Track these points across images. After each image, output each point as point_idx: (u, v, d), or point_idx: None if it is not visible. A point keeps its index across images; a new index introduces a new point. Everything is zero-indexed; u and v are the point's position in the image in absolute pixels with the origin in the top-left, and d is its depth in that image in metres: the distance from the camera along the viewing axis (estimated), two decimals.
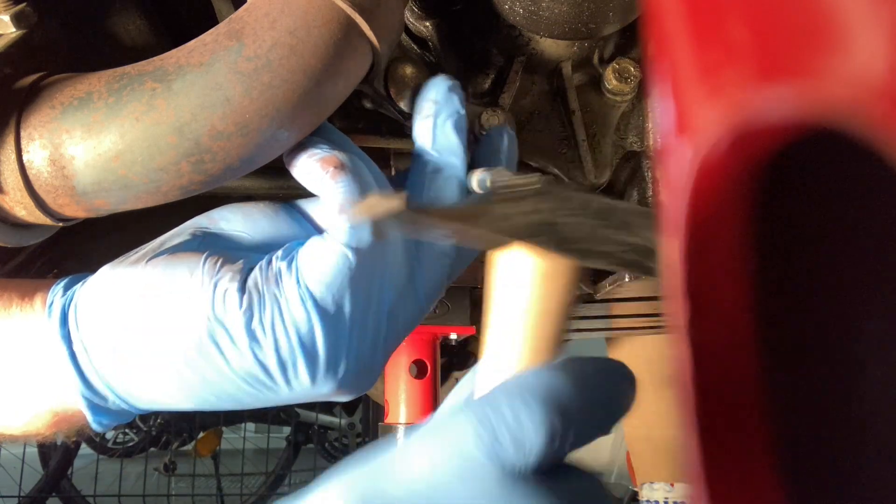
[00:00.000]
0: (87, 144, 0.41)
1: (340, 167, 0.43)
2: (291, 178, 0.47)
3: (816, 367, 0.29)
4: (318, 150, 0.44)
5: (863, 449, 0.29)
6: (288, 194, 0.63)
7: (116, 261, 0.45)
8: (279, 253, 0.44)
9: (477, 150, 0.50)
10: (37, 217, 0.44)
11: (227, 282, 0.42)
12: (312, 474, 3.18)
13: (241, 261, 0.44)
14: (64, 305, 0.44)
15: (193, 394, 0.44)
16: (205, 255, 0.44)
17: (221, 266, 0.43)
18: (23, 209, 0.43)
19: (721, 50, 0.22)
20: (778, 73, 0.19)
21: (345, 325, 0.43)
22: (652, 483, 1.69)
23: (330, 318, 0.42)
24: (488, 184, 0.44)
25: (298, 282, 0.42)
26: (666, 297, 0.27)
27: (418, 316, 0.47)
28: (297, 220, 0.47)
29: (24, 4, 0.43)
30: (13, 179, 0.42)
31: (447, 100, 0.47)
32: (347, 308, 0.43)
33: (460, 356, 1.53)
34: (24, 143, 0.42)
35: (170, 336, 0.42)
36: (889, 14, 0.16)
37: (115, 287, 0.44)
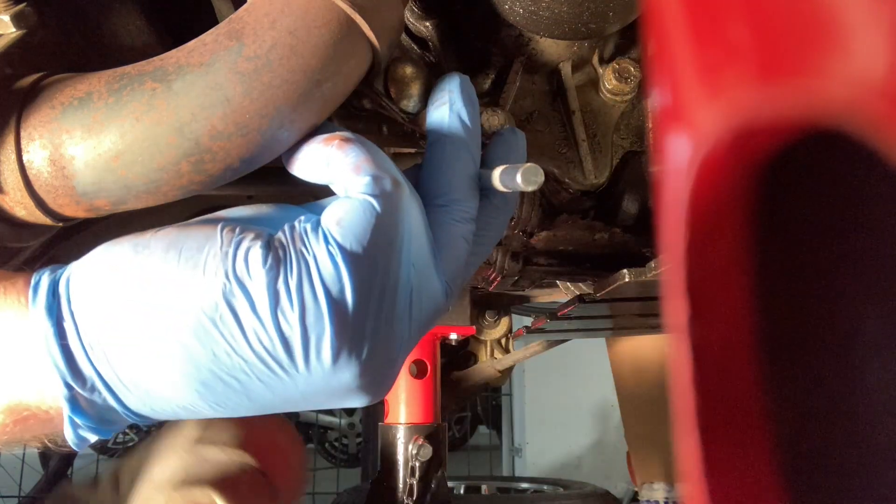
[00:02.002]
0: (87, 144, 0.41)
1: (345, 139, 0.43)
2: (292, 180, 0.47)
3: (816, 367, 0.29)
4: (318, 135, 0.44)
5: (862, 448, 0.29)
6: (288, 196, 0.63)
7: (116, 239, 0.41)
8: (301, 218, 0.41)
9: (489, 149, 0.50)
10: (37, 217, 0.44)
11: (249, 241, 0.39)
12: (312, 474, 3.18)
13: (262, 229, 0.41)
14: (53, 280, 0.40)
15: (198, 378, 0.38)
16: (221, 223, 0.40)
17: (242, 231, 0.40)
18: (23, 209, 0.43)
19: (721, 50, 0.22)
20: (778, 74, 0.19)
21: (373, 289, 0.39)
22: (652, 483, 1.69)
23: (360, 272, 0.39)
24: (518, 180, 0.44)
25: (326, 238, 0.39)
26: (666, 297, 0.27)
27: (441, 304, 0.45)
28: (304, 211, 0.45)
29: (24, 4, 0.43)
30: (13, 179, 0.42)
31: (462, 90, 0.48)
32: (378, 262, 0.40)
33: (460, 356, 1.53)
34: (24, 143, 0.42)
35: (179, 305, 0.38)
36: (889, 14, 0.16)
37: (118, 256, 0.40)
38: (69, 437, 0.40)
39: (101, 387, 0.39)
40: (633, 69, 0.64)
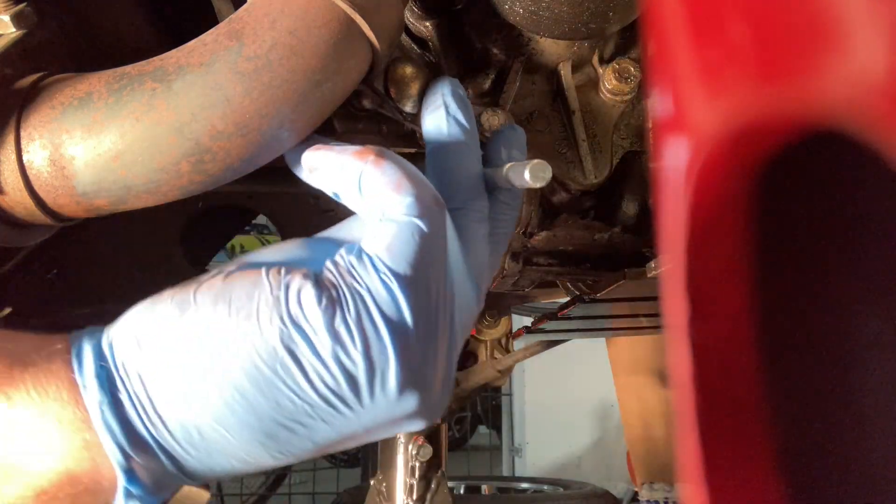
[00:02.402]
0: (87, 144, 0.41)
1: (380, 154, 0.41)
2: (292, 179, 0.47)
3: (816, 367, 0.29)
4: (344, 146, 0.42)
5: (862, 448, 0.29)
6: (289, 196, 0.63)
7: (150, 298, 0.39)
8: (342, 251, 0.40)
9: (490, 146, 0.50)
10: (37, 217, 0.44)
11: (299, 282, 0.37)
12: (312, 474, 3.18)
13: (304, 268, 0.39)
14: (96, 346, 0.38)
15: (261, 429, 0.37)
16: (264, 268, 0.39)
17: (288, 272, 0.38)
18: (23, 209, 0.43)
19: (721, 50, 0.22)
20: (778, 74, 0.19)
21: (432, 306, 0.39)
22: (652, 483, 1.69)
23: (417, 299, 0.38)
24: (526, 177, 0.44)
25: (376, 267, 0.38)
26: (666, 297, 0.27)
27: (475, 309, 0.45)
28: (331, 243, 0.43)
29: (24, 4, 0.43)
30: (13, 179, 0.42)
31: (454, 93, 0.48)
32: (431, 283, 0.39)
33: (460, 356, 1.53)
34: (24, 143, 0.42)
35: (236, 358, 0.37)
36: (889, 14, 0.16)
37: (163, 316, 0.38)
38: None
39: (160, 453, 0.37)
40: (633, 69, 0.64)
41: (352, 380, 0.37)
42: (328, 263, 0.39)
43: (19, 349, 0.38)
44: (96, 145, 0.41)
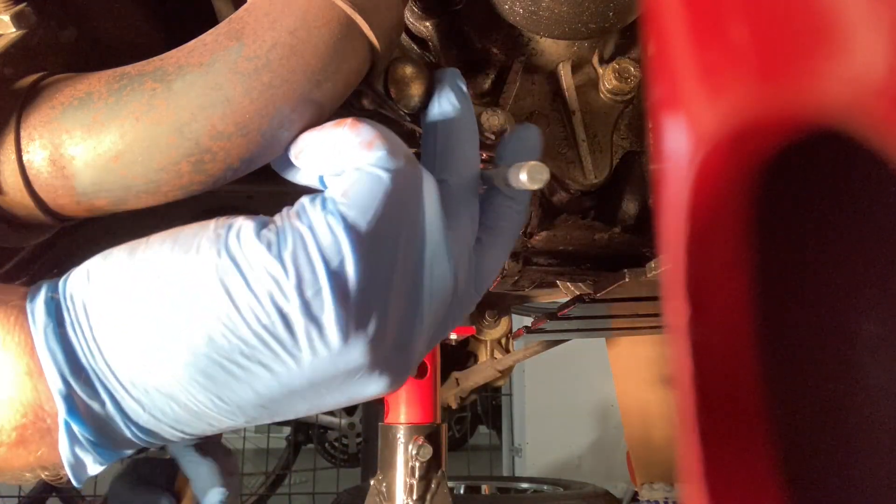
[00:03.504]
0: (87, 144, 0.41)
1: (357, 119, 0.41)
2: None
3: (816, 367, 0.29)
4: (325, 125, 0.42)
5: (862, 448, 0.29)
6: (289, 196, 0.63)
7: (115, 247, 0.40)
8: (302, 199, 0.40)
9: (502, 147, 0.50)
10: (37, 217, 0.44)
11: (243, 219, 0.38)
12: (312, 474, 3.18)
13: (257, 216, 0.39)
14: (51, 284, 0.39)
15: (196, 366, 0.36)
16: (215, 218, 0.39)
17: (236, 216, 0.39)
18: (23, 209, 0.43)
19: (721, 50, 0.22)
20: (778, 74, 0.19)
21: (380, 261, 0.37)
22: (652, 483, 1.69)
23: (363, 243, 0.37)
24: (522, 178, 0.44)
25: (325, 207, 0.37)
26: (666, 297, 0.27)
27: (449, 289, 0.42)
28: None
29: (24, 4, 0.43)
30: (13, 179, 0.42)
31: (450, 76, 0.49)
32: (387, 238, 0.38)
33: (460, 356, 1.53)
34: (24, 143, 0.42)
35: (172, 291, 0.36)
36: (889, 14, 0.16)
37: (115, 255, 0.39)
38: (65, 453, 0.36)
39: (99, 388, 0.36)
40: (633, 69, 0.64)
41: (286, 319, 0.36)
42: (284, 209, 0.39)
43: None
44: (96, 145, 0.41)
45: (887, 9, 0.16)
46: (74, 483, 0.38)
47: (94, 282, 0.38)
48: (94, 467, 0.38)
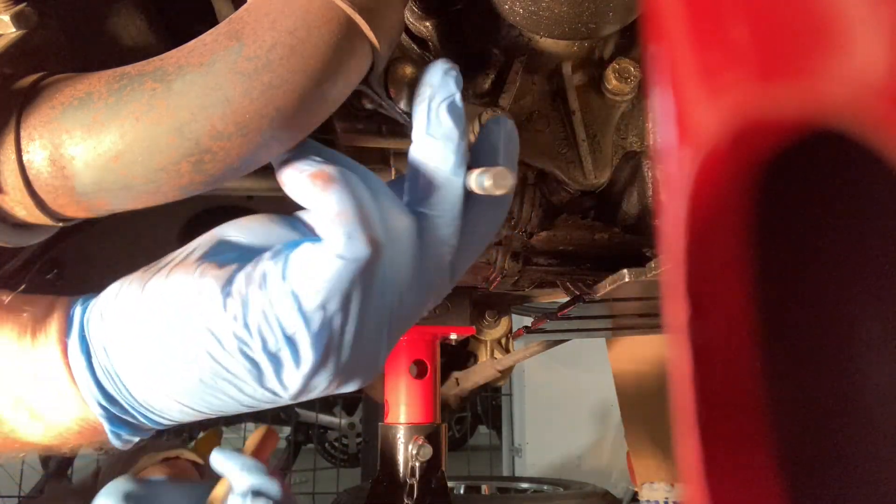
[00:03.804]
0: (87, 144, 0.41)
1: (329, 179, 0.43)
2: None
3: (816, 367, 0.29)
4: (307, 166, 0.44)
5: (863, 448, 0.29)
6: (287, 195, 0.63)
7: (127, 276, 0.47)
8: (267, 254, 0.44)
9: (475, 145, 0.50)
10: (37, 217, 0.44)
11: (212, 286, 0.43)
12: (312, 474, 3.18)
13: (232, 265, 0.44)
14: (81, 320, 0.46)
15: (198, 397, 0.45)
16: (198, 263, 0.45)
17: (208, 272, 0.44)
18: (23, 209, 0.43)
19: (721, 50, 0.22)
20: (778, 74, 0.19)
21: (335, 330, 0.43)
22: (652, 483, 1.69)
23: (312, 318, 0.42)
24: (486, 184, 0.44)
25: (284, 278, 0.42)
26: (666, 297, 0.27)
27: (422, 303, 0.48)
28: (296, 227, 0.47)
29: (24, 4, 0.43)
30: (13, 179, 0.42)
31: (443, 83, 0.46)
32: (338, 316, 0.43)
33: (460, 356, 1.53)
34: (24, 143, 0.42)
35: (168, 343, 0.43)
36: (889, 14, 0.16)
37: (122, 299, 0.45)
38: (115, 442, 0.48)
39: (125, 404, 0.46)
40: (633, 69, 0.64)
41: (258, 367, 0.43)
42: (248, 267, 0.44)
43: (35, 310, 0.47)
44: (96, 145, 0.41)
45: (887, 9, 0.16)
46: (120, 447, 0.49)
47: (107, 323, 0.45)
48: (132, 440, 0.49)
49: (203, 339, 0.43)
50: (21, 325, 0.46)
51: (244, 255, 0.45)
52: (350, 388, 0.47)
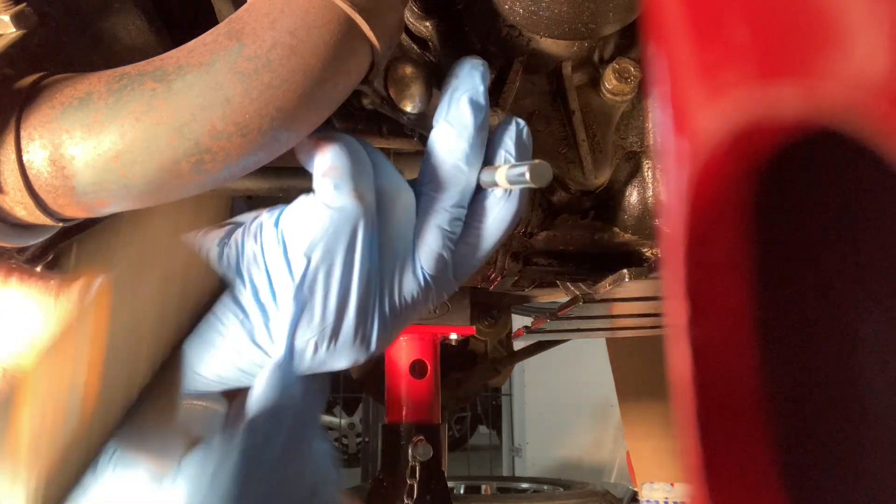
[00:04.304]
0: (87, 144, 0.41)
1: (331, 139, 0.46)
2: (291, 177, 0.47)
3: (816, 367, 0.29)
4: (316, 132, 0.47)
5: (862, 448, 0.29)
6: (288, 195, 0.63)
7: None
8: (266, 210, 0.47)
9: (492, 142, 0.51)
10: (37, 217, 0.44)
11: (209, 242, 0.46)
12: None
13: (228, 226, 0.48)
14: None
15: (197, 357, 0.46)
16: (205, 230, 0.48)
17: (210, 231, 0.47)
18: (23, 209, 0.43)
19: (721, 50, 0.22)
20: (778, 74, 0.19)
21: (319, 283, 0.44)
22: (652, 483, 1.69)
23: (298, 265, 0.44)
24: (528, 177, 0.44)
25: (276, 227, 0.45)
26: (666, 297, 0.27)
27: (420, 293, 0.48)
28: None
29: (24, 4, 0.43)
30: (13, 179, 0.42)
31: (468, 75, 0.50)
32: (322, 268, 0.44)
33: (460, 356, 1.53)
34: (24, 143, 0.42)
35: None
36: (889, 14, 0.16)
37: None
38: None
39: None
40: (633, 69, 0.64)
41: (245, 312, 0.45)
42: (247, 221, 0.47)
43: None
44: (96, 145, 0.41)
45: (887, 9, 0.16)
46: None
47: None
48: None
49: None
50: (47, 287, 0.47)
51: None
52: (341, 362, 0.47)
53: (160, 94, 0.41)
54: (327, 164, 0.45)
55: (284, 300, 0.44)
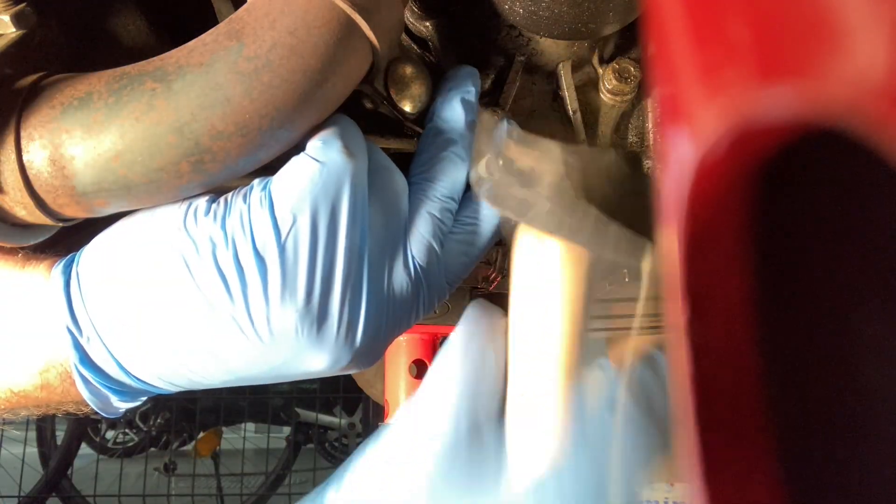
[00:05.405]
0: (87, 144, 0.41)
1: (331, 117, 0.46)
2: None
3: (816, 367, 0.29)
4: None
5: (862, 448, 0.29)
6: None
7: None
8: (256, 178, 0.46)
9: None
10: (37, 217, 0.44)
11: (198, 199, 0.45)
12: (312, 474, 3.18)
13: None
14: (65, 264, 0.46)
15: (169, 330, 0.43)
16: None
17: (198, 196, 0.46)
18: (23, 209, 0.43)
19: (721, 50, 0.22)
20: (778, 73, 0.19)
21: (304, 250, 0.43)
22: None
23: (285, 224, 0.43)
24: (483, 171, 0.45)
25: (264, 188, 0.44)
26: (666, 297, 0.27)
27: (411, 286, 0.48)
28: None
29: (24, 4, 0.43)
30: (13, 179, 0.42)
31: (462, 79, 0.52)
32: (305, 231, 0.43)
33: None
34: (24, 143, 0.42)
35: (148, 265, 0.43)
36: (889, 14, 0.16)
37: (108, 236, 0.46)
38: (82, 391, 0.45)
39: (100, 345, 0.44)
40: (633, 69, 0.64)
41: (225, 280, 0.43)
42: (238, 189, 0.46)
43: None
44: (96, 145, 0.41)
45: (887, 9, 0.16)
46: (104, 415, 0.47)
47: (93, 265, 0.45)
48: (120, 404, 0.47)
49: (178, 240, 0.43)
50: (14, 259, 0.47)
51: None
52: (322, 355, 0.45)
53: (160, 93, 0.41)
54: (320, 130, 0.46)
55: (272, 266, 0.42)
